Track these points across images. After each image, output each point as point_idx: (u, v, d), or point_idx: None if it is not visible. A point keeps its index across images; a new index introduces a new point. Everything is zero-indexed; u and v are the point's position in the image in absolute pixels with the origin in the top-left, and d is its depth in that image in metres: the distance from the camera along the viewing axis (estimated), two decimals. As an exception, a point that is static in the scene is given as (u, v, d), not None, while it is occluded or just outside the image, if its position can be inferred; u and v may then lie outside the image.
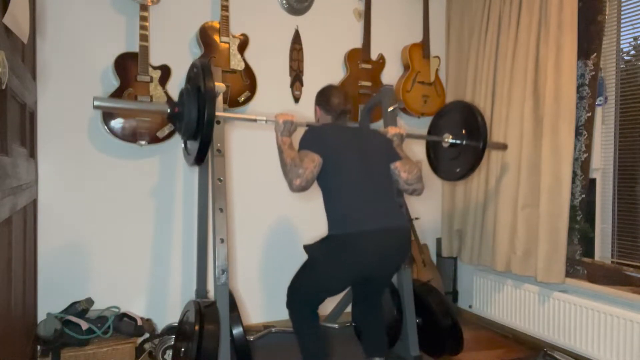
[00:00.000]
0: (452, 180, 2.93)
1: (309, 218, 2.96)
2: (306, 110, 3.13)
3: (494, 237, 2.95)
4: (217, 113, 2.01)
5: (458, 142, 2.49)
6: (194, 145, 2.07)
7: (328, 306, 2.85)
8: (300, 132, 2.09)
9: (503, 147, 2.77)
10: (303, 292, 2.09)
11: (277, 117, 2.09)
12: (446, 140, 2.54)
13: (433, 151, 2.72)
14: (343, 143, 2.07)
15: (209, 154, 2.19)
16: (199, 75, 1.99)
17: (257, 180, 3.00)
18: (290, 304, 2.13)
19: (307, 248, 2.09)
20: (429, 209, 3.54)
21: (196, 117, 1.94)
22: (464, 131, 2.48)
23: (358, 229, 1.93)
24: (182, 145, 2.28)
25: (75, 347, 2.28)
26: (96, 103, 1.84)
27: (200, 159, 2.06)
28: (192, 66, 2.12)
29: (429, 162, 2.76)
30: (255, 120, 2.16)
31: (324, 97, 2.22)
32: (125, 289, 2.68)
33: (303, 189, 1.93)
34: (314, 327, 2.13)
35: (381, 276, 2.15)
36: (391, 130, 2.32)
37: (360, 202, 1.98)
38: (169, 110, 1.99)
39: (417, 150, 3.52)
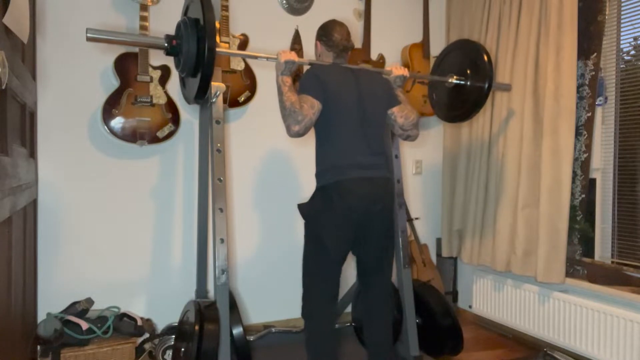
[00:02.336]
0: (454, 122, 2.82)
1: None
2: (306, 110, 3.13)
3: (494, 237, 2.95)
4: (217, 50, 1.90)
5: (462, 82, 2.43)
6: (193, 82, 1.99)
7: (328, 306, 2.84)
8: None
9: (507, 87, 2.70)
10: (314, 271, 2.09)
11: (279, 54, 2.05)
12: (450, 80, 2.48)
13: (436, 92, 2.64)
14: (343, 89, 2.08)
15: (208, 153, 2.19)
16: (197, 6, 1.90)
17: (257, 180, 3.00)
18: (305, 307, 2.11)
19: (301, 206, 2.15)
20: (429, 209, 3.54)
21: (195, 51, 1.85)
22: (468, 71, 2.41)
23: (344, 177, 2.00)
24: (180, 81, 2.17)
25: (75, 347, 2.28)
26: (89, 35, 1.74)
27: (200, 95, 1.96)
28: None
29: (430, 103, 2.71)
30: (256, 58, 2.11)
31: (325, 31, 2.19)
32: (125, 289, 2.68)
33: (300, 135, 1.97)
34: (327, 344, 2.10)
35: (375, 231, 2.11)
36: (395, 71, 2.30)
37: (350, 155, 2.04)
38: (166, 44, 1.89)
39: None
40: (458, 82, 2.45)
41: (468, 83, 2.42)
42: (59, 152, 2.54)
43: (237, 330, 2.21)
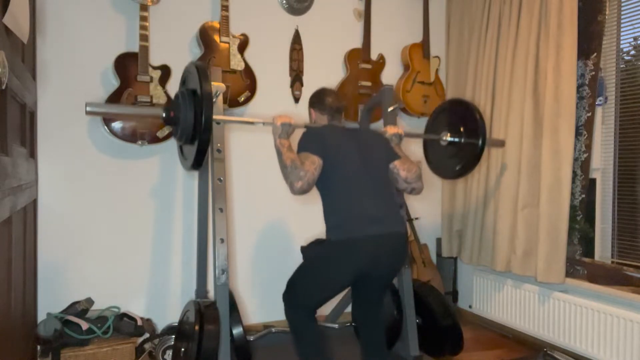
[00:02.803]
0: (451, 179, 2.92)
1: (309, 218, 2.96)
2: (306, 111, 3.12)
3: (494, 237, 2.95)
4: (214, 116, 1.97)
5: (457, 140, 2.47)
6: (190, 150, 2.03)
7: (328, 306, 2.84)
8: (298, 134, 2.09)
9: (501, 143, 2.75)
10: (300, 296, 2.08)
11: (274, 119, 2.08)
12: (444, 138, 2.51)
13: (431, 150, 2.70)
14: (342, 144, 2.07)
15: (208, 155, 2.19)
16: (195, 77, 1.95)
17: (257, 180, 3.00)
18: (287, 309, 2.12)
19: (304, 250, 2.09)
20: (429, 209, 3.54)
21: (193, 121, 1.89)
22: (462, 129, 2.45)
23: (355, 235, 1.93)
24: (178, 149, 2.23)
25: (75, 347, 2.28)
26: (88, 109, 1.78)
27: (197, 163, 2.00)
28: (187, 69, 2.10)
29: (426, 161, 2.75)
30: (252, 123, 2.15)
31: (317, 98, 2.24)
32: (125, 289, 2.68)
33: (304, 191, 1.92)
34: (313, 334, 2.12)
35: (379, 278, 2.13)
36: (390, 130, 2.32)
37: (359, 206, 1.98)
38: (164, 114, 1.94)
39: (414, 149, 3.53)
40: (452, 139, 2.47)
41: (462, 140, 2.44)
42: (59, 152, 2.54)
43: (237, 330, 2.20)
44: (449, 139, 2.49)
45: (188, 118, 1.90)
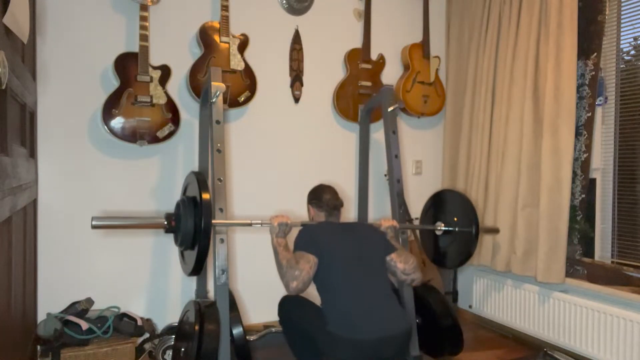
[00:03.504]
0: (449, 268, 3.00)
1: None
2: (306, 111, 3.13)
3: (493, 237, 2.95)
4: (213, 221, 2.00)
5: (451, 229, 2.53)
6: (191, 255, 2.06)
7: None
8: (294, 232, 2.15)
9: (495, 231, 2.78)
10: (295, 324, 2.13)
11: (271, 219, 2.15)
12: (439, 228, 2.58)
13: (428, 240, 2.73)
14: (338, 241, 2.11)
15: (208, 153, 2.19)
16: (194, 186, 2.03)
17: (257, 180, 3.00)
18: (281, 318, 2.18)
19: (306, 308, 2.15)
20: (429, 209, 3.54)
21: (193, 228, 1.96)
22: (455, 218, 2.52)
23: (356, 337, 1.91)
24: (179, 254, 2.28)
25: (75, 347, 2.28)
26: (94, 223, 1.85)
27: (197, 271, 2.03)
28: (187, 178, 2.18)
29: (424, 250, 2.79)
30: (250, 225, 2.16)
31: (315, 195, 2.33)
32: (125, 289, 2.68)
33: (300, 290, 1.96)
34: (306, 335, 2.11)
35: None
36: (384, 223, 2.36)
37: (358, 305, 1.98)
38: (165, 223, 2.01)
39: (415, 149, 3.53)
40: (447, 228, 2.55)
41: (456, 229, 2.51)
42: (59, 152, 2.54)
43: (237, 330, 2.20)
44: (444, 228, 2.56)
45: (188, 225, 1.96)
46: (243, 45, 2.82)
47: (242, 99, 2.81)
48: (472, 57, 3.21)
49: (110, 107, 2.48)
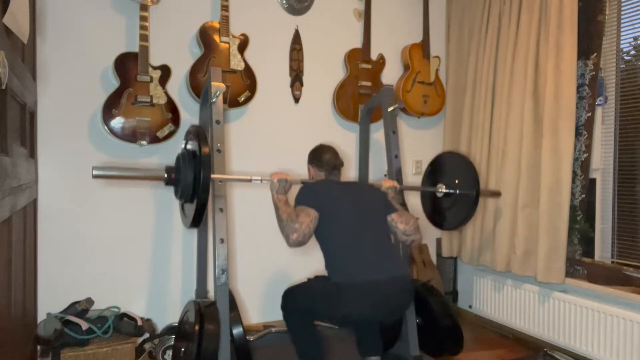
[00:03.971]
0: (449, 230, 2.98)
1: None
2: (306, 111, 3.13)
3: (494, 237, 2.95)
4: (212, 176, 2.03)
5: (452, 191, 2.53)
6: (190, 208, 2.07)
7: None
8: (294, 190, 2.14)
9: (497, 194, 2.78)
10: (300, 309, 2.11)
11: (271, 176, 2.14)
12: (440, 190, 2.57)
13: (428, 201, 2.73)
14: (338, 196, 2.11)
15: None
16: (194, 139, 2.03)
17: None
18: (284, 309, 2.15)
19: (310, 281, 2.16)
20: (429, 209, 3.54)
21: (192, 181, 1.97)
22: (456, 181, 2.51)
23: (356, 281, 1.94)
24: (179, 207, 2.28)
25: (75, 347, 2.28)
26: (95, 172, 1.85)
27: (196, 223, 2.05)
28: (188, 131, 2.17)
29: (424, 212, 2.79)
30: (250, 181, 2.17)
31: (315, 155, 2.31)
32: (125, 289, 2.68)
33: (300, 243, 1.96)
34: (309, 330, 2.14)
35: (385, 321, 2.16)
36: (385, 184, 2.35)
37: (359, 254, 2.00)
38: (165, 176, 2.02)
39: (414, 146, 3.53)
40: (447, 191, 2.54)
41: (457, 192, 2.50)
42: (59, 152, 2.54)
43: (237, 330, 2.21)
44: (444, 190, 2.55)
45: (188, 178, 1.98)
46: (243, 45, 2.82)
47: (242, 99, 2.81)
48: (472, 57, 3.21)
49: (110, 107, 2.48)
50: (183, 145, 2.22)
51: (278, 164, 3.06)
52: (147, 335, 2.54)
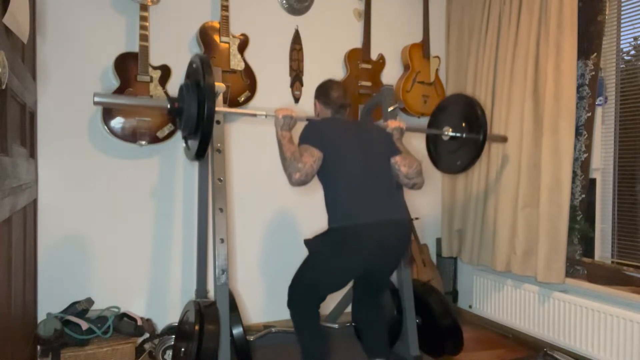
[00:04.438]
0: (453, 173, 2.91)
1: (309, 217, 2.96)
2: (306, 108, 3.13)
3: (494, 237, 2.95)
4: (217, 109, 2.01)
5: (458, 135, 2.47)
6: (194, 141, 2.07)
7: (328, 306, 2.85)
8: (300, 127, 2.09)
9: (503, 139, 2.74)
10: (305, 288, 2.09)
11: (276, 111, 2.09)
12: (446, 133, 2.52)
13: (433, 145, 2.70)
14: (343, 137, 2.07)
15: (209, 153, 2.19)
16: (198, 70, 1.99)
17: (257, 179, 3.00)
18: (291, 302, 2.13)
19: (307, 243, 2.09)
20: (429, 209, 3.54)
21: (196, 113, 1.94)
22: (463, 124, 2.46)
23: (357, 222, 1.94)
24: (183, 141, 2.27)
25: (75, 347, 2.28)
26: (96, 99, 1.83)
27: (200, 154, 2.04)
28: (192, 61, 2.12)
29: (429, 155, 2.75)
30: (255, 115, 2.16)
31: (323, 90, 2.23)
32: (125, 289, 2.68)
33: (302, 182, 1.93)
34: (314, 327, 2.13)
35: (382, 270, 2.14)
36: (391, 124, 2.31)
37: (361, 195, 1.99)
38: (168, 106, 1.98)
39: (416, 144, 3.53)
40: (454, 134, 2.49)
41: (464, 135, 2.46)
42: (59, 152, 2.54)
43: (237, 330, 2.20)
44: (451, 133, 2.49)
45: (192, 109, 1.94)
46: (243, 45, 2.82)
47: (242, 99, 2.81)
48: (472, 57, 3.21)
49: (111, 107, 2.48)
50: (185, 75, 2.16)
51: (278, 162, 3.05)
52: (147, 335, 2.54)
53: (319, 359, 2.12)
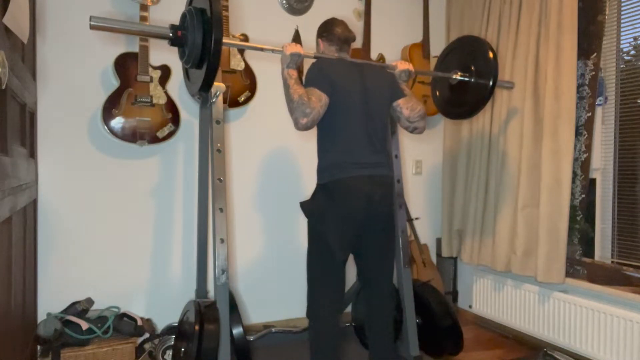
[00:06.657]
0: (457, 119, 2.82)
1: (309, 218, 2.96)
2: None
3: (494, 237, 2.95)
4: (225, 40, 1.87)
5: (467, 79, 2.40)
6: (197, 73, 1.94)
7: (328, 306, 2.84)
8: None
9: (510, 85, 2.69)
10: (318, 270, 2.09)
11: (284, 47, 2.04)
12: (454, 77, 2.45)
13: (439, 89, 2.62)
14: (349, 84, 2.07)
15: (208, 153, 2.19)
16: None
17: (257, 180, 3.00)
18: (309, 311, 2.11)
19: (303, 204, 2.13)
20: (429, 209, 3.54)
21: (201, 42, 1.80)
22: (472, 68, 2.39)
23: (346, 175, 1.99)
24: (183, 72, 2.13)
25: (75, 347, 2.28)
26: (93, 23, 1.69)
27: (207, 85, 1.88)
28: None
29: (434, 100, 2.70)
30: (262, 50, 2.07)
31: (326, 28, 2.21)
32: (125, 289, 2.68)
33: (308, 128, 1.94)
34: (329, 353, 2.08)
35: (375, 236, 2.12)
36: (400, 66, 2.26)
37: (354, 150, 2.03)
38: (171, 34, 1.85)
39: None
40: (462, 78, 2.42)
41: (472, 80, 2.39)
42: (59, 152, 2.54)
43: (237, 330, 2.21)
44: (459, 77, 2.43)
45: (196, 39, 1.81)
46: (243, 45, 2.82)
47: (242, 99, 2.81)
48: (472, 57, 3.21)
49: (110, 107, 2.48)
50: (188, 1, 2.03)
51: (278, 163, 3.06)
52: (147, 335, 2.54)
53: None
